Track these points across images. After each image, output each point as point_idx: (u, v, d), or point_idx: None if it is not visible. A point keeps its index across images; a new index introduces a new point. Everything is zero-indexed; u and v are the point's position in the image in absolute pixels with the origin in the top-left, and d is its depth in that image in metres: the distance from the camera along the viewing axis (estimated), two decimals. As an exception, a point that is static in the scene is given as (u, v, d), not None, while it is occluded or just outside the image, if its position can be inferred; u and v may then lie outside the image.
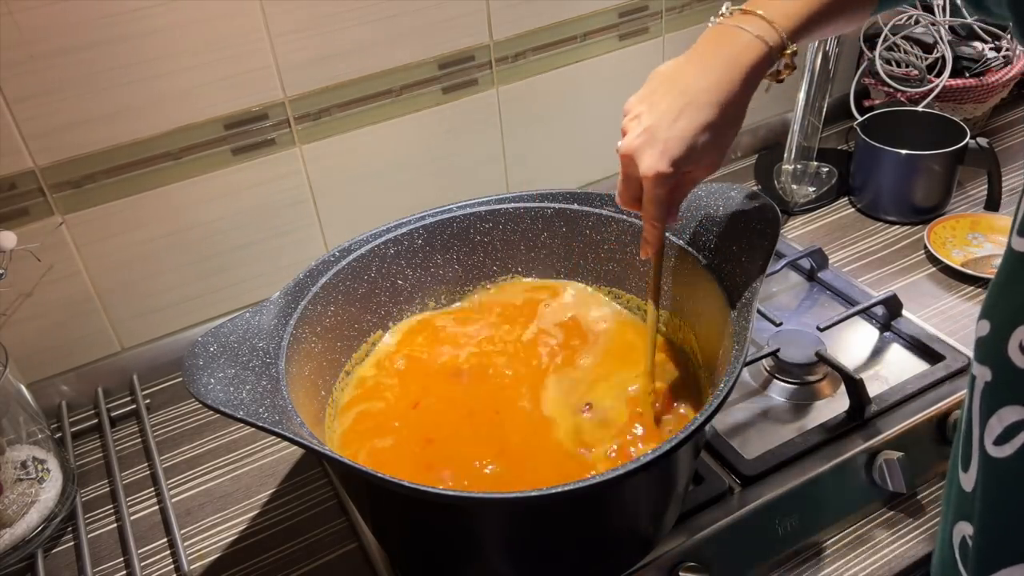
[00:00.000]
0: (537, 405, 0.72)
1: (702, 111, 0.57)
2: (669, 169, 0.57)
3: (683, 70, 0.59)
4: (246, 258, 0.96)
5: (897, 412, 0.78)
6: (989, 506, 0.48)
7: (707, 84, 0.57)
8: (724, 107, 0.57)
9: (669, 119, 0.57)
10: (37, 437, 0.80)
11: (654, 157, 0.57)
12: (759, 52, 0.58)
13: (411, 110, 0.98)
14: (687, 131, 0.57)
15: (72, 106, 0.80)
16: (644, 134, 0.58)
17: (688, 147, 0.57)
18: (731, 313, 0.66)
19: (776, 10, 0.58)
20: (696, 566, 0.67)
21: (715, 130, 0.58)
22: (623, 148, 0.60)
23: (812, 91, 1.10)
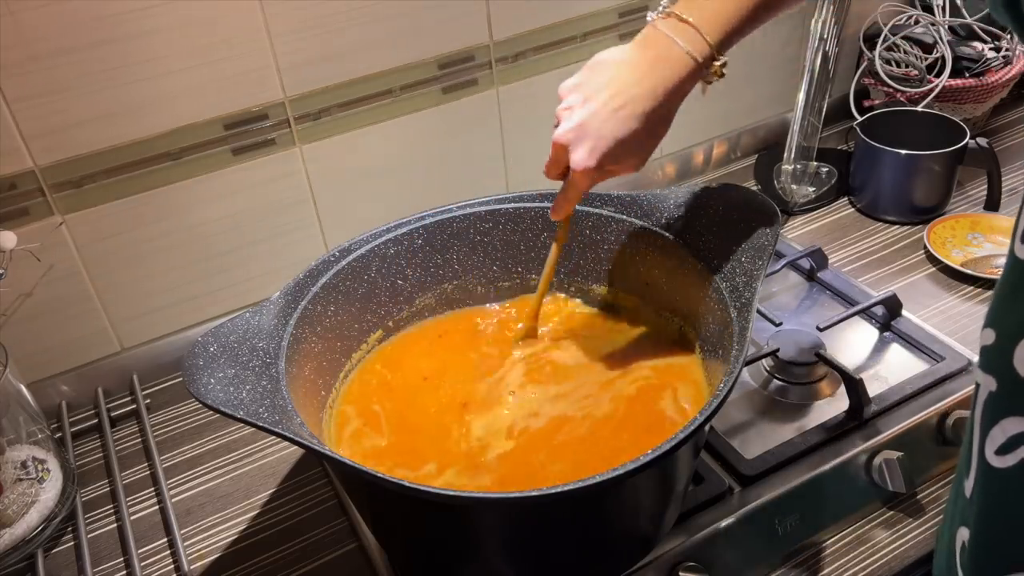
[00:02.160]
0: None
1: (632, 118, 0.60)
2: (596, 164, 0.62)
3: (619, 71, 0.61)
4: (246, 258, 0.96)
5: (897, 412, 0.78)
6: (987, 515, 0.48)
7: (640, 92, 0.60)
8: (653, 115, 0.61)
9: (601, 119, 0.61)
10: (37, 437, 0.80)
11: (584, 153, 0.62)
12: (689, 68, 0.61)
13: (411, 110, 0.98)
14: (616, 134, 0.61)
15: (72, 106, 0.80)
16: (577, 129, 0.62)
17: (615, 149, 0.61)
18: (731, 313, 0.66)
19: (708, 20, 0.60)
20: (696, 566, 0.67)
21: (642, 135, 0.61)
22: (556, 137, 0.63)
23: (812, 91, 1.10)
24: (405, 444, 0.71)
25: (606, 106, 0.61)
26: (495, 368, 0.77)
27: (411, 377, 0.77)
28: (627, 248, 0.79)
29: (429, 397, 0.75)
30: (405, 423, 0.72)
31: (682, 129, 1.18)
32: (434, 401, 0.74)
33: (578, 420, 0.70)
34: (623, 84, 0.61)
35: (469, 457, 0.68)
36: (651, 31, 0.62)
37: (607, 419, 0.70)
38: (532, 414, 0.71)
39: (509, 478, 0.66)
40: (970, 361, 0.83)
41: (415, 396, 0.75)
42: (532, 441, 0.69)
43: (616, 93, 0.61)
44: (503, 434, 0.70)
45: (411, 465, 0.68)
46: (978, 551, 0.49)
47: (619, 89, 0.61)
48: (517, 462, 0.67)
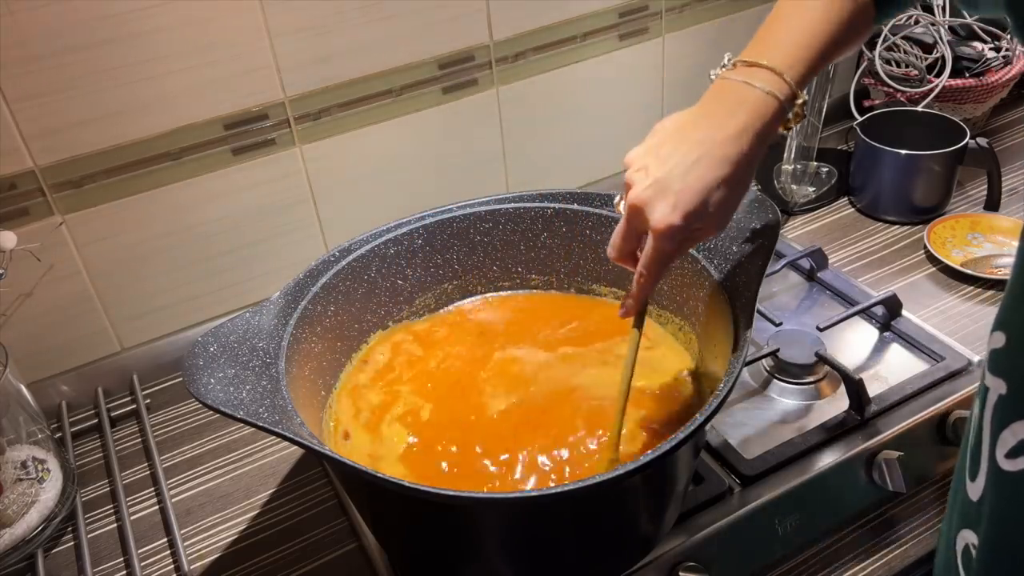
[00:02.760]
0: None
1: (717, 164, 0.54)
2: (682, 222, 0.54)
3: (694, 123, 0.56)
4: (246, 258, 0.96)
5: (897, 412, 0.78)
6: (997, 519, 0.47)
7: (722, 137, 0.55)
8: (739, 163, 0.55)
9: (682, 169, 0.54)
10: (37, 437, 0.80)
11: (666, 209, 0.54)
12: (773, 108, 0.55)
13: (411, 110, 0.98)
14: (702, 183, 0.54)
15: (72, 106, 0.80)
16: (655, 185, 0.55)
17: (702, 200, 0.54)
18: (731, 313, 0.66)
19: (781, 61, 0.56)
20: (696, 566, 0.67)
21: (729, 186, 0.55)
22: (631, 199, 0.56)
23: (812, 91, 1.10)
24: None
25: (687, 156, 0.54)
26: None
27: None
28: (627, 248, 0.79)
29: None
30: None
31: (682, 129, 1.18)
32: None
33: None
34: (702, 133, 0.55)
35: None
36: (720, 83, 0.57)
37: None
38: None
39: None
40: (970, 361, 0.83)
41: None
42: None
43: (694, 145, 0.55)
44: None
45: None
46: (989, 555, 0.49)
47: (697, 141, 0.55)
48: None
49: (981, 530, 0.49)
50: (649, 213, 0.55)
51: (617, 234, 0.60)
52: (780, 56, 0.56)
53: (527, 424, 0.70)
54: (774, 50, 0.57)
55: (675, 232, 0.55)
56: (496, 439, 0.68)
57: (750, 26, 1.22)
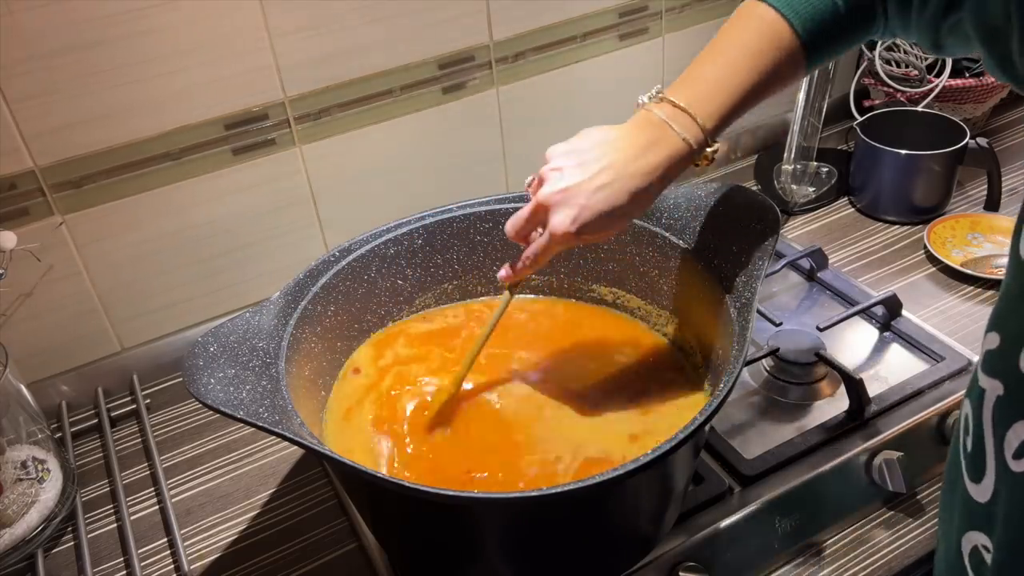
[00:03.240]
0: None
1: (620, 194, 0.60)
2: (576, 232, 0.61)
3: (614, 147, 0.61)
4: (246, 258, 0.96)
5: (897, 412, 0.78)
6: (1014, 521, 0.47)
7: (631, 171, 0.60)
8: (639, 194, 0.61)
9: (590, 188, 0.60)
10: (37, 437, 0.80)
11: (567, 218, 0.61)
12: (684, 152, 0.61)
13: (411, 110, 0.98)
14: (601, 207, 0.60)
15: (72, 106, 0.80)
16: (563, 192, 0.61)
17: (598, 220, 0.61)
18: (731, 313, 0.66)
19: (703, 107, 0.61)
20: (696, 566, 0.67)
21: (623, 212, 0.61)
22: (540, 197, 0.62)
23: (812, 91, 1.10)
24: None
25: (596, 178, 0.60)
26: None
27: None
28: (627, 248, 0.79)
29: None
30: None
31: (682, 129, 1.18)
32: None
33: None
34: (615, 160, 0.61)
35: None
36: (645, 115, 0.62)
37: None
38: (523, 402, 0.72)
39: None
40: (970, 361, 0.83)
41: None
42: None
43: (607, 167, 0.60)
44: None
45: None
46: (1007, 557, 0.48)
47: (610, 164, 0.60)
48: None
49: (995, 533, 0.49)
50: (551, 215, 0.62)
51: (519, 217, 0.66)
52: (703, 101, 0.61)
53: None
54: (697, 93, 0.61)
55: (568, 239, 0.62)
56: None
57: (750, 26, 1.22)
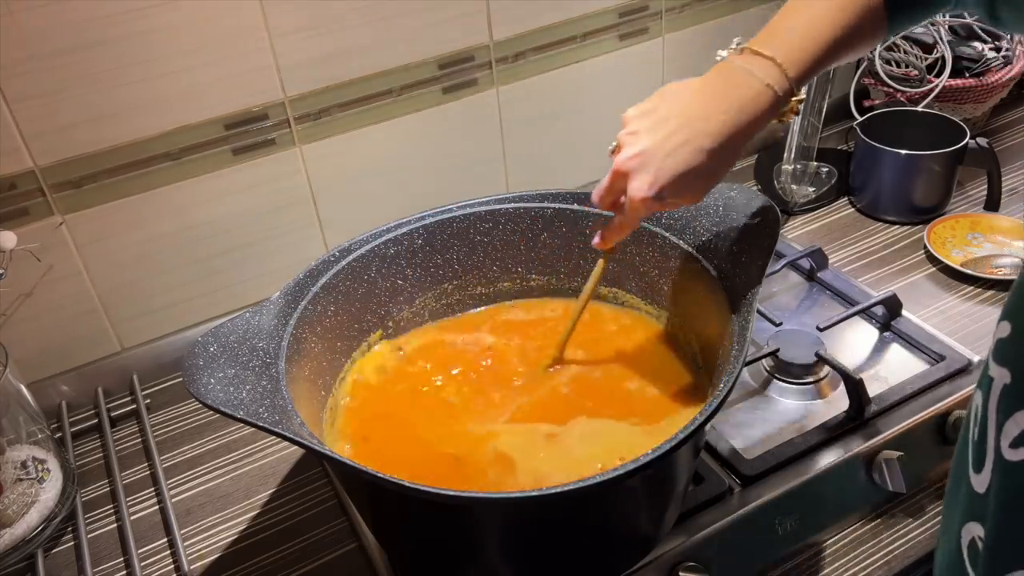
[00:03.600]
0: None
1: (699, 152, 0.58)
2: (655, 197, 0.59)
3: (691, 101, 0.59)
4: (246, 258, 0.96)
5: (897, 412, 0.78)
6: (1004, 509, 0.47)
7: (711, 127, 0.57)
8: (721, 151, 0.58)
9: (666, 149, 0.58)
10: (37, 437, 0.80)
11: (644, 183, 0.59)
12: (768, 100, 0.58)
13: (411, 110, 0.98)
14: (680, 166, 0.58)
15: (72, 106, 0.80)
16: (639, 157, 0.59)
17: (677, 182, 0.59)
18: (731, 313, 0.66)
19: (787, 55, 0.58)
20: (696, 566, 0.67)
21: (706, 171, 0.59)
22: (617, 164, 0.61)
23: (812, 91, 1.10)
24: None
25: (672, 137, 0.58)
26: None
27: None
28: (627, 248, 0.79)
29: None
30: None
31: (682, 129, 1.18)
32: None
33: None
34: (692, 116, 0.58)
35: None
36: (725, 65, 0.59)
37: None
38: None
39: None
40: (970, 361, 0.83)
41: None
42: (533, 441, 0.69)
43: (684, 124, 0.58)
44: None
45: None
46: (996, 545, 0.48)
47: (687, 121, 0.58)
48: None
49: (988, 521, 0.49)
50: (629, 181, 0.60)
51: (601, 186, 0.65)
52: (786, 49, 0.58)
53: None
54: (782, 42, 0.58)
55: (648, 204, 0.60)
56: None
57: (750, 26, 1.22)
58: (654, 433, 0.69)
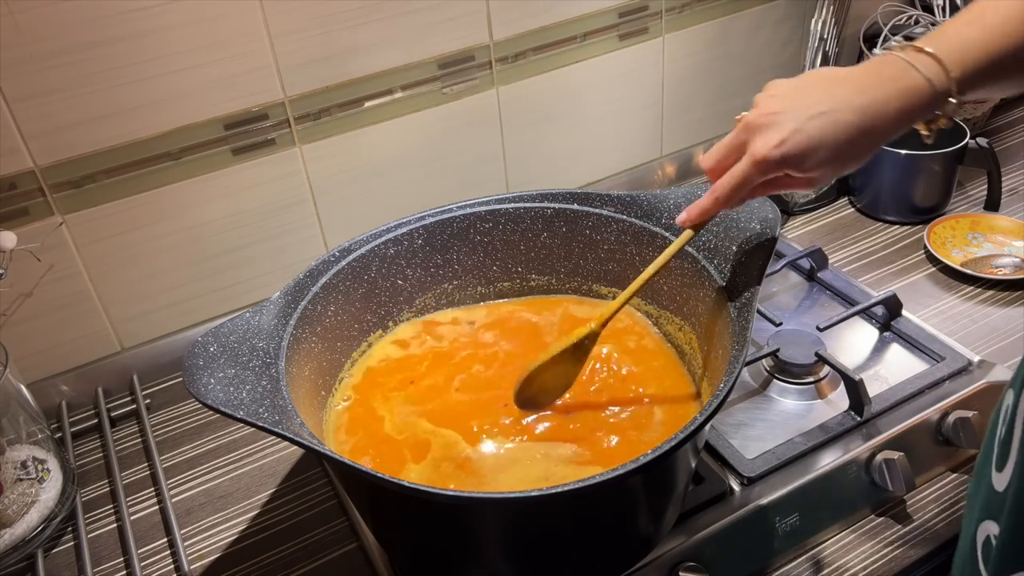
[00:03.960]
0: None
1: (839, 125, 0.54)
2: (778, 159, 0.55)
3: (840, 80, 0.56)
4: (246, 258, 0.96)
5: (897, 412, 0.78)
6: (1019, 509, 0.47)
7: (859, 103, 0.54)
8: (861, 133, 0.54)
9: (805, 114, 0.54)
10: (37, 437, 0.80)
11: (772, 140, 0.55)
12: (924, 96, 0.54)
13: (411, 110, 0.98)
14: (815, 132, 0.54)
15: (72, 106, 0.80)
16: (774, 115, 0.55)
17: (806, 150, 0.54)
18: (731, 313, 0.66)
19: (951, 54, 0.54)
20: (696, 566, 0.67)
21: (839, 149, 0.54)
22: (748, 117, 0.57)
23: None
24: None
25: (815, 105, 0.54)
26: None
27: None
28: (627, 248, 0.79)
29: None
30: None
31: (682, 129, 1.18)
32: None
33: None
34: (841, 92, 0.55)
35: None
36: (884, 56, 0.56)
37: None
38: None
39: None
40: (970, 361, 0.83)
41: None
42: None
43: (830, 96, 0.54)
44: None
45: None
46: (1009, 542, 0.48)
47: (834, 94, 0.54)
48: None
49: (1003, 519, 0.49)
50: (755, 137, 0.56)
51: (720, 146, 0.60)
52: (952, 49, 0.54)
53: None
54: (949, 41, 0.54)
55: (768, 166, 0.55)
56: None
57: (750, 26, 1.23)
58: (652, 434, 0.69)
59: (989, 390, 0.80)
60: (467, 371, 0.76)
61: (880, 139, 0.55)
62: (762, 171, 0.56)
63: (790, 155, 0.55)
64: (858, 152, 0.55)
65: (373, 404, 0.74)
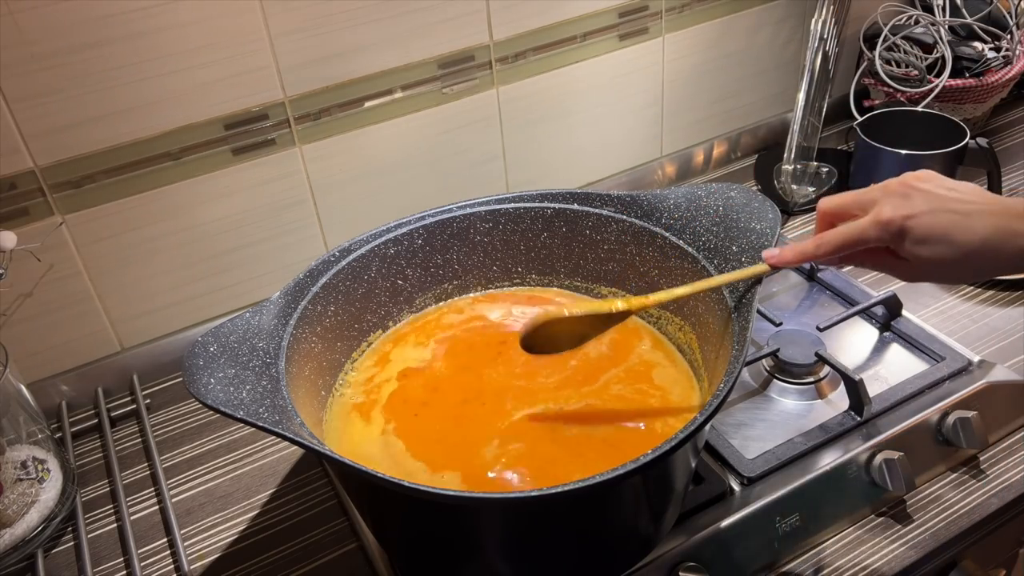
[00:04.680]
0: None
1: (974, 224, 0.54)
2: (898, 229, 0.55)
3: (990, 194, 0.56)
4: (246, 258, 0.96)
5: (897, 412, 0.78)
6: None
7: (1002, 210, 0.54)
8: (987, 249, 0.54)
9: (944, 197, 0.55)
10: (37, 437, 0.80)
11: (901, 210, 0.55)
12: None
13: (411, 110, 0.98)
14: (944, 224, 0.54)
15: (72, 106, 0.80)
16: (915, 190, 0.56)
17: (930, 235, 0.55)
18: (731, 313, 0.66)
19: None
20: (696, 566, 0.67)
21: (958, 254, 0.54)
22: (890, 181, 0.58)
23: (812, 91, 1.10)
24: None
25: (957, 197, 0.55)
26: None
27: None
28: (627, 248, 0.79)
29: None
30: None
31: (682, 129, 1.18)
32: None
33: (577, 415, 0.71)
34: (991, 198, 0.55)
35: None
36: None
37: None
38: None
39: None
40: (970, 361, 0.83)
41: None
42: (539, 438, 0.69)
43: (977, 198, 0.54)
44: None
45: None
46: None
47: (982, 198, 0.54)
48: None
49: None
50: (888, 200, 0.56)
51: (848, 194, 0.60)
52: None
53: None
54: None
55: (888, 231, 0.56)
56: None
57: (750, 26, 1.23)
58: (652, 434, 0.69)
59: (989, 390, 0.80)
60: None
61: (999, 266, 0.55)
62: (879, 233, 0.56)
63: (911, 230, 0.55)
64: (972, 264, 0.55)
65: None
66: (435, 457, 0.68)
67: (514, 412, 0.71)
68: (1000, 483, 0.76)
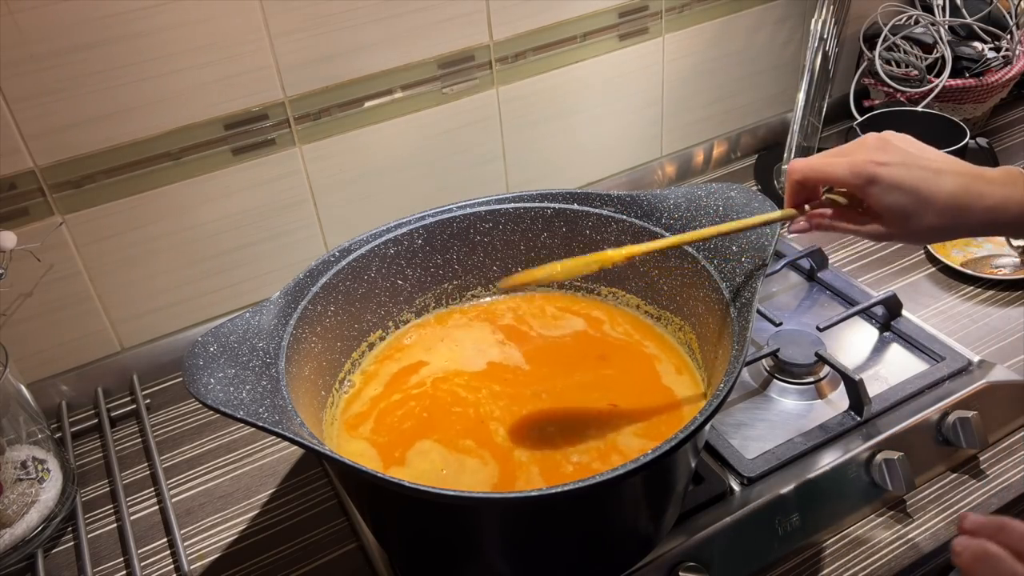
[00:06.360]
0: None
1: (942, 183, 0.57)
2: (870, 174, 0.57)
3: (963, 162, 0.58)
4: (246, 258, 0.96)
5: (897, 412, 0.78)
6: None
7: (962, 182, 0.57)
8: (955, 204, 0.57)
9: (918, 156, 0.57)
10: (37, 437, 0.80)
11: (874, 157, 0.58)
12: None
13: (411, 110, 0.98)
14: (912, 178, 0.57)
15: (72, 106, 0.80)
16: (890, 144, 0.58)
17: (897, 183, 0.57)
18: (731, 313, 0.66)
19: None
20: (696, 566, 0.67)
21: (921, 207, 0.57)
22: (868, 135, 0.60)
23: (812, 91, 1.10)
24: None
25: (931, 159, 0.57)
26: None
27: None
28: (627, 248, 0.79)
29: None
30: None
31: (682, 129, 1.18)
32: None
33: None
34: (963, 165, 0.57)
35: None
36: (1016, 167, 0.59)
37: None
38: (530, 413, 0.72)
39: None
40: (970, 361, 0.83)
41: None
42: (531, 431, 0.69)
43: (951, 161, 0.57)
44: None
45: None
46: None
47: (955, 162, 0.57)
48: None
49: None
50: (863, 150, 0.59)
51: (821, 153, 0.62)
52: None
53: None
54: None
55: (858, 173, 0.58)
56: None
57: (750, 26, 1.23)
58: (652, 434, 0.69)
59: (989, 390, 0.80)
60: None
61: (965, 225, 0.57)
62: (850, 175, 0.58)
63: (881, 177, 0.57)
64: (937, 221, 0.57)
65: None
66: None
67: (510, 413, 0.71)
68: (1000, 483, 0.76)
